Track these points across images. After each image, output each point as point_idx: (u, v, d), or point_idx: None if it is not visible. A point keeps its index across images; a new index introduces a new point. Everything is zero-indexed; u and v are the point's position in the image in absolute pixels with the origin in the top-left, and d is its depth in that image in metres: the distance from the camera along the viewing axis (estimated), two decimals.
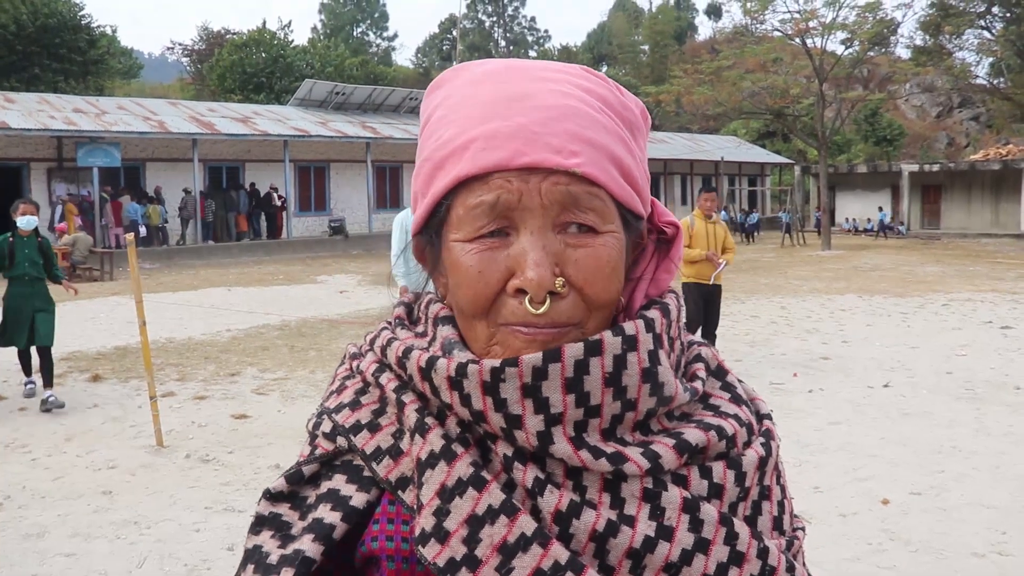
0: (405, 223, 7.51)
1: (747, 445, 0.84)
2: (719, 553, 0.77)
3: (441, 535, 0.75)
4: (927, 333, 11.89)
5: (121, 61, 55.10)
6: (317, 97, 34.67)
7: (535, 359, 0.75)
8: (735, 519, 0.79)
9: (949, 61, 41.77)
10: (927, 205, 41.30)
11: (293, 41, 55.16)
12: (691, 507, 0.77)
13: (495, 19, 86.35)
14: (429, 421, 0.80)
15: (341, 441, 0.85)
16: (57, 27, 40.15)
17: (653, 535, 0.76)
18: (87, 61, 42.32)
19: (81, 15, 42.75)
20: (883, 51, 39.74)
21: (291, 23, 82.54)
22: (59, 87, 38.31)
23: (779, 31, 33.76)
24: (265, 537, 0.83)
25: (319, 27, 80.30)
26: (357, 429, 0.84)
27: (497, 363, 0.76)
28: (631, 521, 0.76)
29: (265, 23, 57.01)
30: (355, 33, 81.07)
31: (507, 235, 0.78)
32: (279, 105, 37.67)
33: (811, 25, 31.57)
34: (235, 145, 29.96)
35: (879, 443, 6.71)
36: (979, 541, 4.82)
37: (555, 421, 0.76)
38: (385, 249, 29.64)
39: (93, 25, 43.53)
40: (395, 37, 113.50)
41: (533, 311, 0.76)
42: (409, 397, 0.82)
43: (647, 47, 79.94)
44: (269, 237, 29.28)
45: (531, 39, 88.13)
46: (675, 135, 47.32)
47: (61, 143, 26.19)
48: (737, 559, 0.78)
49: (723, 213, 38.40)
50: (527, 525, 0.74)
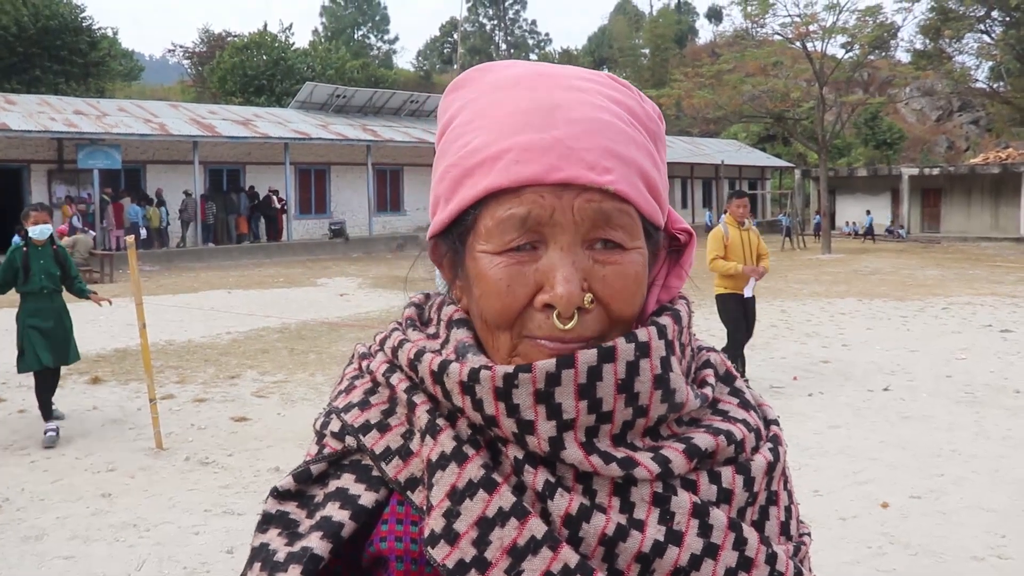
0: None
1: (755, 450, 0.84)
2: (728, 558, 0.78)
3: (451, 536, 0.75)
4: (927, 337, 11.89)
5: (122, 63, 55.14)
6: (318, 100, 34.70)
7: (548, 365, 0.75)
8: (744, 524, 0.80)
9: (949, 65, 41.79)
10: (927, 209, 41.34)
11: (294, 44, 55.20)
12: (700, 512, 0.78)
13: (496, 22, 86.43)
14: (440, 422, 0.79)
15: (350, 440, 0.85)
16: (58, 29, 40.19)
17: (663, 540, 0.76)
18: (88, 63, 42.35)
19: (82, 17, 42.80)
20: (883, 55, 39.75)
21: (292, 26, 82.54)
22: (60, 89, 38.33)
23: (779, 35, 33.79)
24: (272, 535, 0.83)
25: (320, 30, 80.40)
26: (366, 429, 0.84)
27: (510, 369, 0.76)
28: (640, 525, 0.76)
29: (266, 26, 57.10)
30: (356, 36, 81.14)
31: (535, 248, 0.78)
32: (280, 108, 37.69)
33: (811, 29, 31.60)
34: (236, 147, 29.98)
35: (878, 446, 6.71)
36: (978, 544, 4.82)
37: (567, 427, 0.76)
38: (385, 252, 29.65)
39: (94, 27, 43.58)
40: (396, 40, 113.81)
41: (561, 326, 0.76)
42: (420, 398, 0.82)
43: (648, 50, 79.98)
44: (269, 240, 29.29)
45: (532, 42, 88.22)
46: (675, 138, 47.32)
47: (62, 145, 26.21)
48: (746, 564, 0.78)
49: (722, 217, 38.43)
50: (537, 528, 0.74)
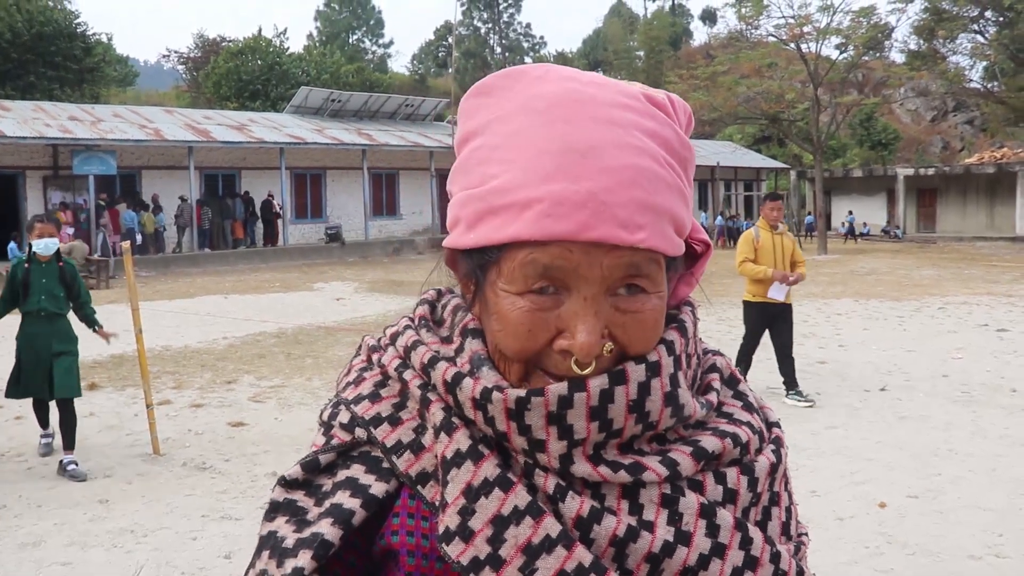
0: None
1: (759, 452, 0.86)
2: (735, 558, 0.79)
3: (466, 534, 0.76)
4: (923, 337, 11.91)
5: (117, 69, 55.03)
6: (313, 104, 34.69)
7: (561, 388, 0.76)
8: (749, 524, 0.81)
9: (943, 65, 41.90)
10: (922, 209, 41.43)
11: (289, 48, 55.19)
12: (708, 512, 0.79)
13: (490, 25, 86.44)
14: (456, 420, 0.80)
15: (360, 432, 0.85)
16: (52, 35, 40.14)
17: (672, 540, 0.77)
18: (83, 69, 42.27)
19: (77, 23, 42.73)
20: (877, 55, 39.87)
21: (287, 30, 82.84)
22: (55, 95, 38.26)
23: (774, 36, 33.88)
24: (280, 522, 0.83)
25: (315, 34, 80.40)
26: (377, 421, 0.84)
27: (523, 393, 0.77)
28: (650, 527, 0.77)
29: (261, 30, 57.12)
30: (351, 40, 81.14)
31: (558, 292, 0.77)
32: (275, 112, 37.67)
33: (806, 30, 31.67)
34: (231, 153, 29.95)
35: (875, 447, 6.72)
36: (975, 543, 4.83)
37: (576, 445, 0.77)
38: (381, 256, 29.64)
39: (88, 33, 43.50)
40: (391, 44, 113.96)
41: (578, 371, 0.77)
42: (435, 395, 0.82)
43: (642, 53, 79.97)
44: (265, 245, 29.26)
45: (527, 45, 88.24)
46: None
47: (57, 151, 26.17)
48: (751, 564, 0.80)
49: (718, 219, 38.48)
50: (552, 527, 0.75)
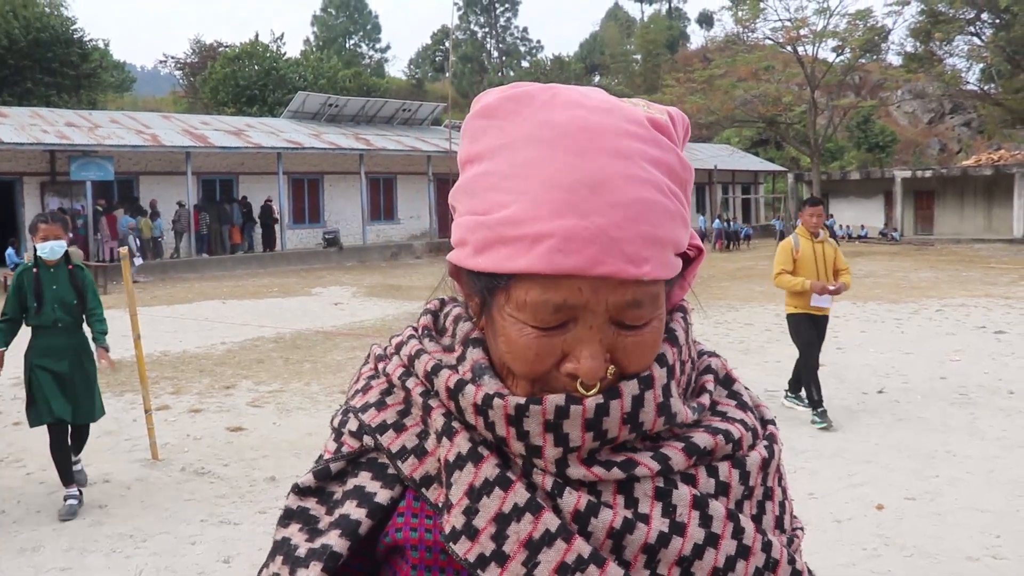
0: None
1: (751, 447, 0.89)
2: (728, 547, 0.82)
3: (471, 532, 0.80)
4: (921, 339, 11.92)
5: (114, 75, 55.12)
6: (310, 109, 34.72)
7: (558, 399, 0.80)
8: (741, 515, 0.84)
9: (940, 67, 41.96)
10: (920, 211, 41.47)
11: (286, 53, 55.30)
12: (700, 504, 0.82)
13: (487, 30, 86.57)
14: (456, 425, 0.84)
15: (367, 439, 0.89)
16: (49, 41, 40.18)
17: (667, 531, 0.80)
18: (80, 75, 42.33)
19: (73, 29, 42.80)
20: (874, 58, 39.95)
21: (284, 35, 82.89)
22: (52, 101, 38.30)
23: (770, 39, 33.97)
24: (293, 530, 0.87)
25: (312, 39, 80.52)
26: (383, 428, 0.88)
27: (522, 400, 0.80)
28: (646, 519, 0.80)
29: (258, 36, 57.36)
30: (348, 45, 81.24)
31: (564, 324, 0.80)
32: (272, 117, 37.71)
33: (802, 33, 31.77)
34: (228, 158, 29.97)
35: (873, 449, 6.73)
36: (973, 545, 4.83)
37: (572, 451, 0.81)
38: (379, 260, 29.64)
39: (85, 39, 43.58)
40: (388, 49, 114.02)
41: (584, 392, 0.80)
42: (436, 402, 0.86)
43: (639, 56, 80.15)
44: (264, 250, 29.26)
45: (523, 49, 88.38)
46: None
47: (54, 157, 26.17)
48: (744, 552, 0.83)
49: (716, 221, 38.47)
50: (551, 522, 0.79)
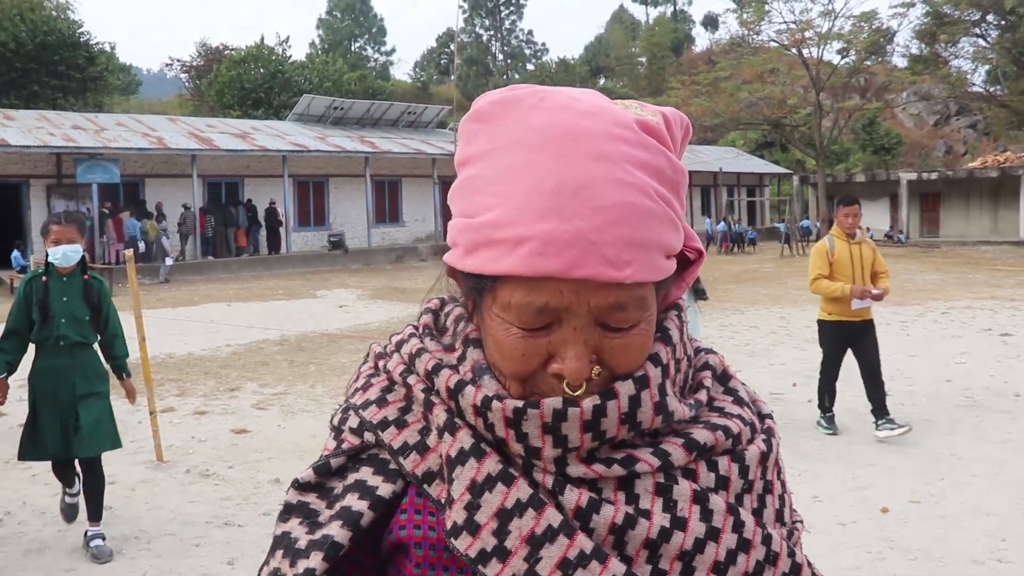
0: None
1: (750, 442, 0.90)
2: (728, 541, 0.82)
3: (472, 528, 0.81)
4: (926, 341, 11.89)
5: (120, 78, 55.23)
6: (315, 112, 34.78)
7: (556, 402, 0.80)
8: (741, 508, 0.85)
9: (945, 69, 41.90)
10: (926, 213, 41.37)
11: (291, 56, 55.34)
12: (701, 498, 0.83)
13: (492, 32, 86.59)
14: (458, 421, 0.84)
15: (368, 436, 0.89)
16: (56, 44, 40.28)
17: (668, 526, 0.81)
18: (86, 78, 42.43)
19: (80, 32, 42.90)
20: (879, 60, 39.90)
21: (289, 39, 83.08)
22: (58, 104, 38.40)
23: (775, 42, 33.94)
24: (293, 524, 0.88)
25: (317, 42, 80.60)
26: (384, 425, 0.89)
27: (520, 404, 0.81)
28: (647, 514, 0.81)
29: (263, 39, 57.31)
30: (353, 48, 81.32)
31: (549, 325, 0.81)
32: (278, 120, 37.76)
33: (807, 35, 31.74)
34: (234, 161, 30.02)
35: (878, 452, 6.72)
36: (978, 548, 4.82)
37: (571, 451, 0.81)
38: (384, 263, 29.65)
39: (92, 42, 43.66)
40: (393, 52, 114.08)
41: (569, 392, 0.81)
42: (438, 399, 0.87)
43: (644, 59, 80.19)
44: (269, 252, 29.30)
45: (528, 52, 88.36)
46: None
47: (60, 160, 26.25)
48: (744, 546, 0.83)
49: (721, 224, 38.40)
50: (554, 517, 0.79)
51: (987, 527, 5.13)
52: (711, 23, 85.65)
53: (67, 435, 4.93)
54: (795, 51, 32.19)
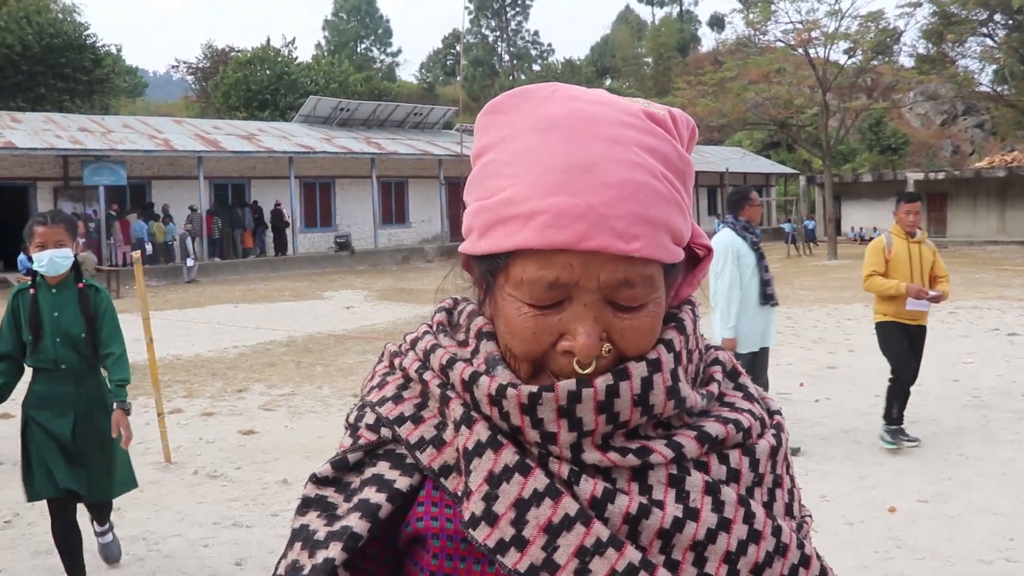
0: (737, 248, 6.46)
1: (760, 436, 0.91)
2: (739, 531, 0.84)
3: (491, 518, 0.82)
4: (934, 341, 11.80)
5: (126, 80, 55.37)
6: (322, 113, 34.84)
7: (569, 384, 0.82)
8: (751, 500, 0.86)
9: (952, 69, 41.74)
10: (933, 213, 41.25)
11: (297, 58, 55.38)
12: (713, 490, 0.84)
13: (498, 33, 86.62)
14: (475, 414, 0.86)
15: (385, 432, 0.91)
16: (62, 47, 40.40)
17: (681, 516, 0.82)
18: (92, 80, 42.53)
19: (86, 35, 43.01)
20: (886, 60, 39.77)
21: (295, 40, 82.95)
22: (64, 106, 38.50)
23: (782, 42, 33.84)
24: (312, 517, 0.89)
25: (323, 44, 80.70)
26: (401, 421, 0.90)
27: (535, 389, 0.82)
28: (660, 504, 0.82)
29: (269, 40, 57.29)
30: (359, 49, 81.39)
31: (560, 302, 0.83)
32: (284, 122, 37.83)
33: (813, 35, 31.64)
34: (240, 162, 30.09)
35: (885, 451, 6.71)
36: (986, 548, 4.82)
37: (586, 435, 0.82)
38: (390, 264, 29.67)
39: (98, 44, 43.76)
40: (399, 53, 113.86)
41: (579, 370, 0.82)
42: (454, 393, 0.88)
43: (650, 59, 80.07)
44: (275, 254, 29.35)
45: (534, 53, 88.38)
46: None
47: (67, 162, 26.34)
48: (755, 537, 0.85)
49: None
50: (570, 506, 0.81)
51: (994, 526, 5.12)
52: (717, 23, 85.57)
53: (66, 468, 4.21)
54: (801, 51, 32.08)
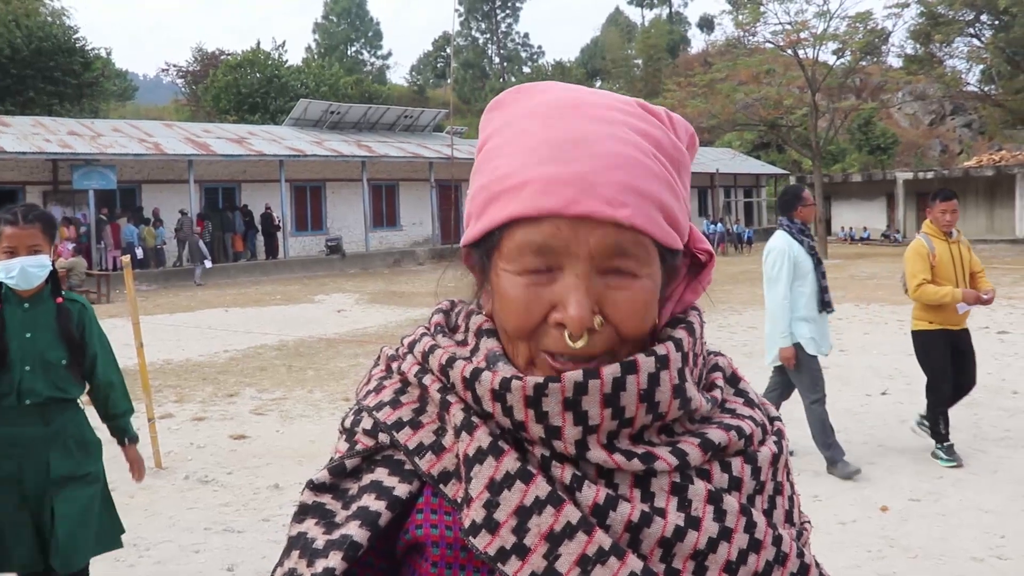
0: (795, 253, 6.25)
1: (762, 443, 0.91)
2: (740, 540, 0.83)
3: (491, 526, 0.81)
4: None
5: (116, 83, 55.20)
6: (312, 116, 34.78)
7: (576, 375, 0.80)
8: (753, 509, 0.86)
9: (940, 69, 41.91)
10: (922, 212, 41.02)
11: (287, 61, 55.32)
12: (715, 499, 0.84)
13: (489, 36, 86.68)
14: (475, 420, 0.85)
15: (383, 437, 0.90)
16: (51, 50, 40.24)
17: (683, 525, 0.82)
18: (82, 84, 42.38)
19: (75, 38, 42.84)
20: (874, 60, 39.92)
21: (285, 43, 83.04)
22: (54, 110, 38.36)
23: (771, 43, 33.95)
24: (310, 524, 0.87)
25: (313, 47, 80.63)
26: (399, 426, 0.89)
27: (540, 379, 0.81)
28: (662, 513, 0.82)
29: (259, 43, 57.22)
30: (349, 52, 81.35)
31: (552, 271, 0.83)
32: (274, 125, 37.77)
33: (802, 36, 31.76)
34: (231, 166, 30.01)
35: (877, 450, 6.73)
36: (978, 546, 4.83)
37: (591, 431, 0.81)
38: (382, 267, 29.63)
39: (87, 48, 43.60)
40: (389, 55, 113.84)
41: (571, 344, 0.81)
42: (454, 398, 0.87)
43: (640, 61, 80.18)
44: (266, 257, 29.28)
45: (525, 55, 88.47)
46: None
47: (56, 166, 26.22)
48: (755, 546, 0.84)
49: (718, 225, 38.40)
50: (572, 514, 0.80)
51: (986, 524, 5.13)
52: (707, 25, 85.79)
53: (41, 537, 3.39)
54: (791, 52, 32.20)
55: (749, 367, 10.07)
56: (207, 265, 24.80)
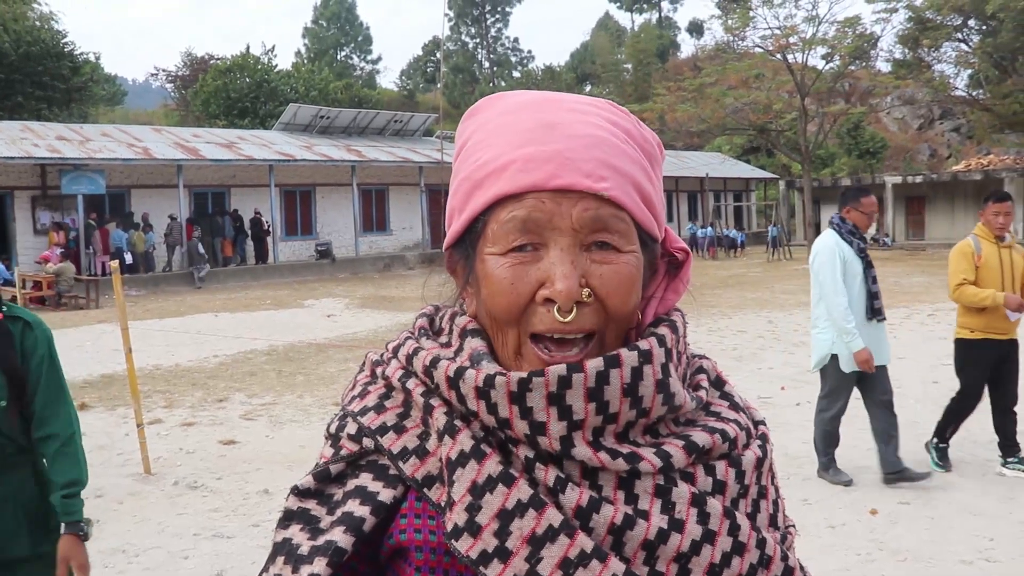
0: (843, 253, 5.87)
1: (746, 447, 0.91)
2: (724, 543, 0.84)
3: (473, 529, 0.81)
4: (913, 343, 11.94)
5: (105, 88, 54.98)
6: (302, 121, 34.74)
7: (560, 369, 0.81)
8: (737, 512, 0.86)
9: (929, 74, 42.17)
10: (911, 216, 41.58)
11: (277, 66, 55.28)
12: (699, 501, 0.84)
13: (478, 40, 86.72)
14: (458, 423, 0.85)
15: (367, 442, 0.90)
16: (40, 55, 40.12)
17: (666, 527, 0.82)
18: (70, 88, 42.27)
19: (64, 42, 42.73)
20: (863, 65, 40.12)
21: (275, 48, 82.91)
22: (42, 115, 38.23)
23: (760, 47, 34.11)
24: (295, 530, 0.87)
25: (303, 51, 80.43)
26: (383, 431, 0.89)
27: (524, 374, 0.82)
28: (646, 515, 0.82)
29: (249, 48, 57.31)
30: (339, 57, 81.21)
31: (537, 250, 0.85)
32: (264, 130, 37.69)
33: (791, 41, 31.91)
34: (220, 170, 29.94)
35: (867, 454, 6.73)
36: (967, 549, 4.84)
37: (576, 427, 0.82)
38: (371, 272, 29.59)
39: (76, 52, 43.49)
40: (379, 60, 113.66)
41: (561, 319, 0.83)
42: (437, 401, 0.87)
43: (630, 65, 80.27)
44: (256, 262, 29.21)
45: (515, 59, 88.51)
46: None
47: (45, 171, 26.11)
48: (739, 549, 0.84)
49: (708, 229, 38.44)
50: (554, 517, 0.80)
51: (975, 527, 5.15)
52: (696, 29, 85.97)
53: None
54: (780, 56, 32.35)
55: (739, 371, 10.09)
56: (206, 269, 24.90)
